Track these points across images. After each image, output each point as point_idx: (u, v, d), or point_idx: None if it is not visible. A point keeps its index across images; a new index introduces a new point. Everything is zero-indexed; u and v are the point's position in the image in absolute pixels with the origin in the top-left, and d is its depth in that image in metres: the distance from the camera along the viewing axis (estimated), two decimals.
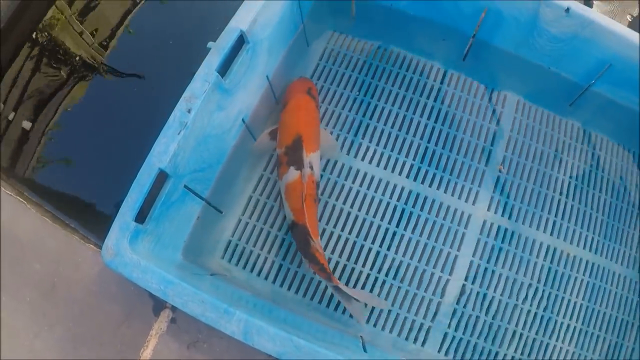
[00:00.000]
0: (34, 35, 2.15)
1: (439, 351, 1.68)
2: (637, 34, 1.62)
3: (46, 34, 2.16)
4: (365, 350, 1.43)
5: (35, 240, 1.69)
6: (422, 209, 1.77)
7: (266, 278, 1.70)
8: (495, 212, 1.80)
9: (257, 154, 1.79)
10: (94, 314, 1.61)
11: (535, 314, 1.75)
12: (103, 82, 2.10)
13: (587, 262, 1.81)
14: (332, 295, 1.69)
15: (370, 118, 1.87)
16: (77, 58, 2.11)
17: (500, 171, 1.83)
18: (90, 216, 1.80)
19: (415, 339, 1.68)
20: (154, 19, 2.27)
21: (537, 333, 1.73)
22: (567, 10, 1.63)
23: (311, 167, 1.59)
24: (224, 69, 1.54)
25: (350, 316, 1.65)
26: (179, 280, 1.27)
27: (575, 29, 1.67)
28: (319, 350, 1.24)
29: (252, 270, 1.71)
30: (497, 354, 1.70)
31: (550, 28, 1.70)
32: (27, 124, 1.98)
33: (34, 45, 2.13)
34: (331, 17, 1.95)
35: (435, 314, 1.71)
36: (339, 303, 1.68)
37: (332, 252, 1.72)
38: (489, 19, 1.75)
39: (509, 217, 1.80)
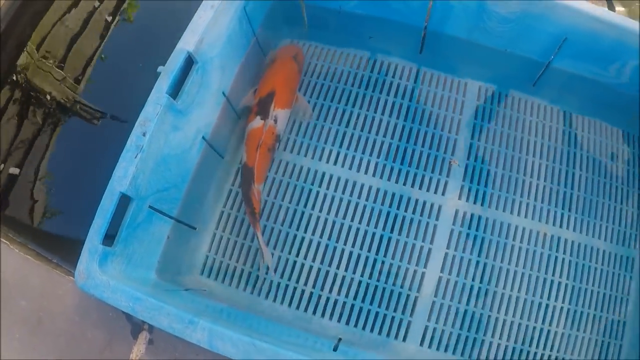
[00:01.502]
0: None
1: (421, 345, 1.68)
2: (586, 3, 1.60)
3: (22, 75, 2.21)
4: (334, 350, 1.43)
5: (20, 278, 1.75)
6: (390, 205, 1.78)
7: (244, 289, 1.73)
8: (467, 201, 1.79)
9: (242, 109, 1.90)
10: (79, 342, 1.66)
11: (518, 298, 1.73)
12: (78, 121, 2.14)
13: (566, 241, 1.79)
14: (309, 300, 1.72)
15: (332, 122, 1.88)
16: (50, 98, 2.15)
17: (452, 164, 1.82)
18: (70, 250, 1.84)
19: (396, 335, 1.68)
20: (125, 41, 2.30)
21: (521, 318, 1.71)
22: None
23: (275, 120, 1.73)
24: (176, 90, 1.56)
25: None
26: (145, 296, 1.32)
27: (523, 7, 1.66)
28: (280, 352, 1.26)
29: (230, 284, 1.73)
30: (482, 342, 1.69)
31: (499, 9, 1.69)
32: (14, 170, 2.04)
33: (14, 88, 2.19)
34: (286, 25, 1.97)
35: (414, 308, 1.70)
36: (316, 308, 1.72)
37: (305, 257, 1.74)
38: (438, 9, 1.75)
39: (482, 204, 1.79)
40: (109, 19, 2.30)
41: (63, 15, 2.28)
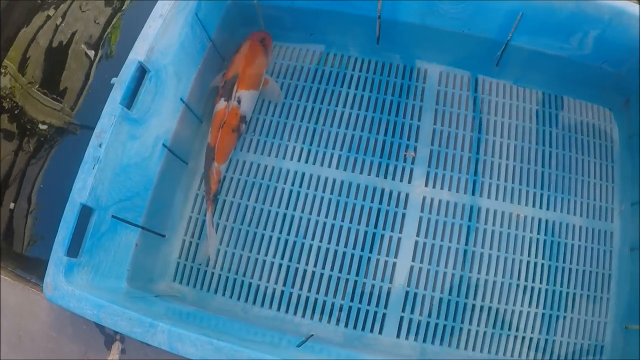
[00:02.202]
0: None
1: (397, 337, 1.66)
2: None
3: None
4: (297, 347, 1.42)
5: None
6: (356, 197, 1.76)
7: (215, 292, 1.73)
8: (434, 187, 1.77)
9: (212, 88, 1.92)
10: (57, 357, 1.68)
11: (494, 282, 1.70)
12: (70, 143, 2.16)
13: (540, 220, 1.76)
14: (280, 299, 1.72)
15: (294, 119, 1.88)
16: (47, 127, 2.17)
17: (408, 157, 1.81)
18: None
19: (372, 329, 1.66)
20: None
21: (499, 302, 1.68)
22: None
23: (238, 102, 1.78)
24: (130, 100, 1.57)
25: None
26: (108, 303, 1.33)
27: None
28: (239, 350, 1.25)
29: (202, 288, 1.73)
30: (460, 329, 1.67)
31: None
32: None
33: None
34: (243, 27, 1.98)
35: (387, 300, 1.68)
36: (288, 306, 1.72)
37: (274, 255, 1.73)
38: None
39: (449, 189, 1.77)
40: (91, 53, 2.32)
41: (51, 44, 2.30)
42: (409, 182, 1.78)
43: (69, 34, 2.33)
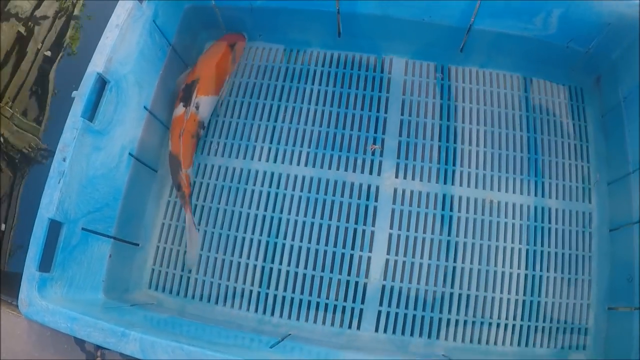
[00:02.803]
0: None
1: (376, 331, 1.64)
2: None
3: None
4: (271, 347, 1.40)
5: None
6: (326, 193, 1.75)
7: (192, 297, 1.72)
8: (405, 178, 1.76)
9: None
10: None
11: (471, 270, 1.68)
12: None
13: (514, 204, 1.74)
14: (257, 300, 1.71)
15: (261, 119, 1.86)
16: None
17: (371, 150, 1.79)
18: None
19: (350, 325, 1.64)
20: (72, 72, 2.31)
21: (477, 290, 1.66)
22: None
23: (197, 107, 1.76)
24: (92, 112, 1.56)
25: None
26: (81, 315, 1.33)
27: None
28: (209, 354, 1.25)
29: (178, 293, 1.72)
30: (440, 320, 1.65)
31: None
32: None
33: None
34: (203, 30, 1.97)
35: (364, 295, 1.66)
36: (265, 307, 1.71)
37: (248, 257, 1.72)
38: None
39: (420, 180, 1.75)
40: (48, 53, 2.31)
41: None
42: (379, 174, 1.76)
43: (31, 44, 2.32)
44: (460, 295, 1.65)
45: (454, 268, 1.67)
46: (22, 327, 1.80)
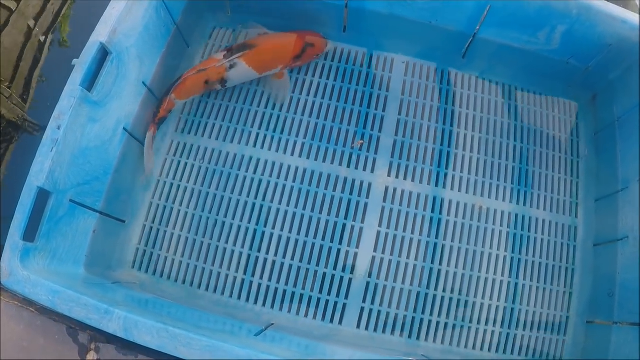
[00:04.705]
0: None
1: (357, 327, 1.64)
2: None
3: None
4: (256, 336, 1.39)
5: None
6: (318, 185, 1.74)
7: (176, 280, 1.70)
8: (397, 177, 1.76)
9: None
10: None
11: (455, 274, 1.69)
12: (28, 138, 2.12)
13: (503, 212, 1.76)
14: (241, 288, 1.70)
15: (258, 105, 1.86)
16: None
17: (357, 145, 1.80)
18: None
19: (332, 319, 1.64)
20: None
21: (460, 293, 1.67)
22: None
23: (230, 66, 1.78)
24: (91, 82, 1.54)
25: None
26: (64, 289, 1.30)
27: None
28: (195, 338, 1.23)
29: (161, 275, 1.71)
30: (421, 320, 1.66)
31: None
32: None
33: None
34: (209, 12, 1.96)
35: (348, 290, 1.66)
36: (249, 295, 1.70)
37: (235, 244, 1.71)
38: None
39: (412, 180, 1.76)
40: (42, 38, 2.28)
41: None
42: (372, 171, 1.77)
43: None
44: (442, 297, 1.66)
45: (439, 270, 1.68)
46: (10, 314, 1.75)
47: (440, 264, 1.67)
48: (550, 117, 1.88)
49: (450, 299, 1.66)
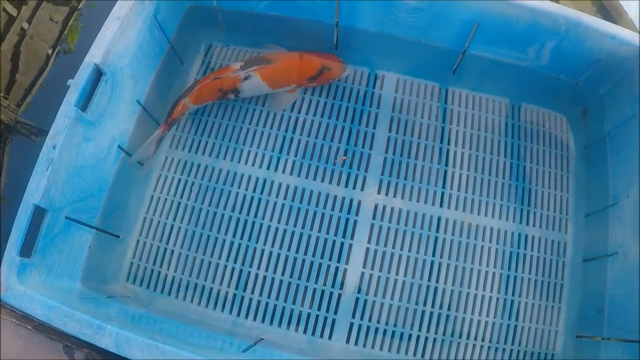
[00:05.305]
0: None
1: (347, 342, 1.67)
2: None
3: None
4: (243, 352, 1.43)
5: None
6: (309, 203, 1.77)
7: (169, 294, 1.73)
8: (387, 194, 1.78)
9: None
10: None
11: (444, 290, 1.70)
12: (21, 139, 2.16)
13: (492, 229, 1.77)
14: (233, 302, 1.73)
15: (250, 123, 1.88)
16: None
17: (340, 162, 1.83)
18: None
19: (322, 334, 1.67)
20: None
21: (449, 309, 1.69)
22: None
23: (245, 78, 1.82)
24: (86, 102, 1.57)
25: None
26: (58, 304, 1.34)
27: None
28: (183, 354, 1.27)
29: (155, 289, 1.74)
30: (409, 336, 1.68)
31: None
32: None
33: None
34: (203, 30, 1.98)
35: (338, 306, 1.68)
36: (240, 309, 1.72)
37: (227, 259, 1.74)
38: (345, 4, 1.74)
39: (402, 197, 1.78)
40: (50, 51, 2.32)
41: None
42: (362, 189, 1.79)
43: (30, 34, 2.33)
44: (431, 313, 1.68)
45: (428, 287, 1.70)
46: (8, 330, 1.78)
47: (429, 280, 1.70)
48: (541, 132, 1.89)
49: (439, 314, 1.68)
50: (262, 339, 1.61)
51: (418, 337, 1.67)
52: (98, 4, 2.37)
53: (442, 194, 1.78)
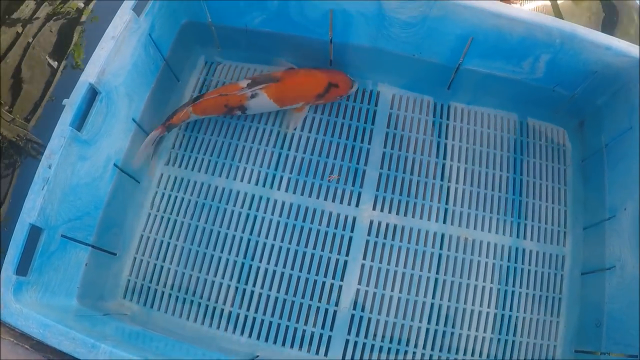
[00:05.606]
0: None
1: (343, 359, 1.66)
2: (489, 1, 1.59)
3: None
4: None
5: None
6: (304, 220, 1.77)
7: (165, 311, 1.74)
8: (382, 210, 1.78)
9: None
10: None
11: (440, 306, 1.70)
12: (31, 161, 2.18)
13: (489, 244, 1.76)
14: (228, 319, 1.73)
15: (245, 140, 1.89)
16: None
17: (330, 180, 1.82)
18: None
19: (317, 351, 1.67)
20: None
21: (445, 325, 1.69)
22: None
23: (252, 96, 1.83)
24: (81, 121, 1.59)
25: None
26: (54, 323, 1.36)
27: (422, 10, 1.65)
28: None
29: (152, 306, 1.75)
30: (405, 353, 1.67)
31: (398, 15, 1.68)
32: None
33: None
34: (199, 46, 1.99)
35: (333, 322, 1.69)
36: (235, 326, 1.73)
37: (223, 276, 1.74)
38: (339, 20, 1.75)
39: (397, 213, 1.78)
40: (55, 64, 2.34)
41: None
42: (357, 205, 1.79)
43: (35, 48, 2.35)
44: (427, 329, 1.68)
45: (424, 303, 1.70)
46: (6, 349, 1.79)
47: (426, 296, 1.70)
48: (537, 145, 1.88)
49: (436, 330, 1.67)
50: (258, 356, 1.61)
51: (414, 353, 1.66)
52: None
53: (438, 209, 1.77)
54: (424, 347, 1.67)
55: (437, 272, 1.72)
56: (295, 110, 1.86)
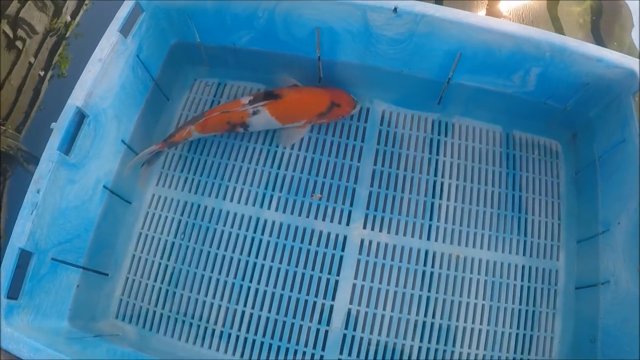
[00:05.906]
0: None
1: None
2: (476, 16, 1.58)
3: None
4: None
5: None
6: (294, 239, 1.77)
7: (157, 331, 1.74)
8: (372, 229, 1.77)
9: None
10: None
11: (432, 324, 1.69)
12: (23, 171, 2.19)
13: (480, 260, 1.75)
14: (220, 340, 1.73)
15: (235, 159, 1.88)
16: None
17: (312, 198, 1.82)
18: None
19: None
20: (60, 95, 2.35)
21: (438, 343, 1.68)
22: (395, 10, 1.59)
23: (254, 113, 1.81)
24: (69, 145, 1.59)
25: None
26: (44, 347, 1.36)
27: (409, 27, 1.63)
28: None
29: (143, 326, 1.75)
30: None
31: (385, 32, 1.67)
32: None
33: None
34: (188, 65, 1.99)
35: (325, 343, 1.68)
36: (227, 347, 1.72)
37: (214, 297, 1.74)
38: (326, 38, 1.74)
39: (388, 232, 1.76)
40: (42, 73, 2.35)
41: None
42: (347, 224, 1.78)
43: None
44: (420, 348, 1.67)
45: (416, 321, 1.69)
46: None
47: (418, 314, 1.69)
48: (530, 159, 1.86)
49: (428, 349, 1.67)
50: None
51: None
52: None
53: (430, 226, 1.76)
54: None
55: (429, 290, 1.70)
56: (297, 127, 1.84)
